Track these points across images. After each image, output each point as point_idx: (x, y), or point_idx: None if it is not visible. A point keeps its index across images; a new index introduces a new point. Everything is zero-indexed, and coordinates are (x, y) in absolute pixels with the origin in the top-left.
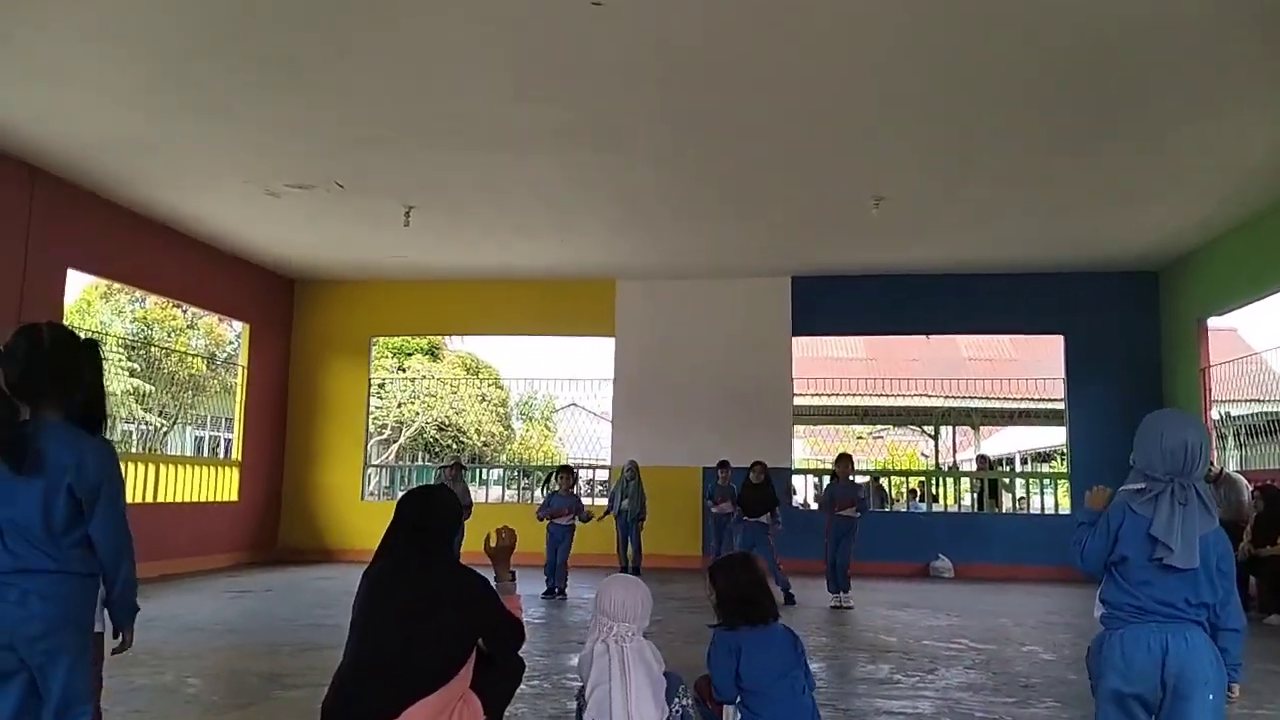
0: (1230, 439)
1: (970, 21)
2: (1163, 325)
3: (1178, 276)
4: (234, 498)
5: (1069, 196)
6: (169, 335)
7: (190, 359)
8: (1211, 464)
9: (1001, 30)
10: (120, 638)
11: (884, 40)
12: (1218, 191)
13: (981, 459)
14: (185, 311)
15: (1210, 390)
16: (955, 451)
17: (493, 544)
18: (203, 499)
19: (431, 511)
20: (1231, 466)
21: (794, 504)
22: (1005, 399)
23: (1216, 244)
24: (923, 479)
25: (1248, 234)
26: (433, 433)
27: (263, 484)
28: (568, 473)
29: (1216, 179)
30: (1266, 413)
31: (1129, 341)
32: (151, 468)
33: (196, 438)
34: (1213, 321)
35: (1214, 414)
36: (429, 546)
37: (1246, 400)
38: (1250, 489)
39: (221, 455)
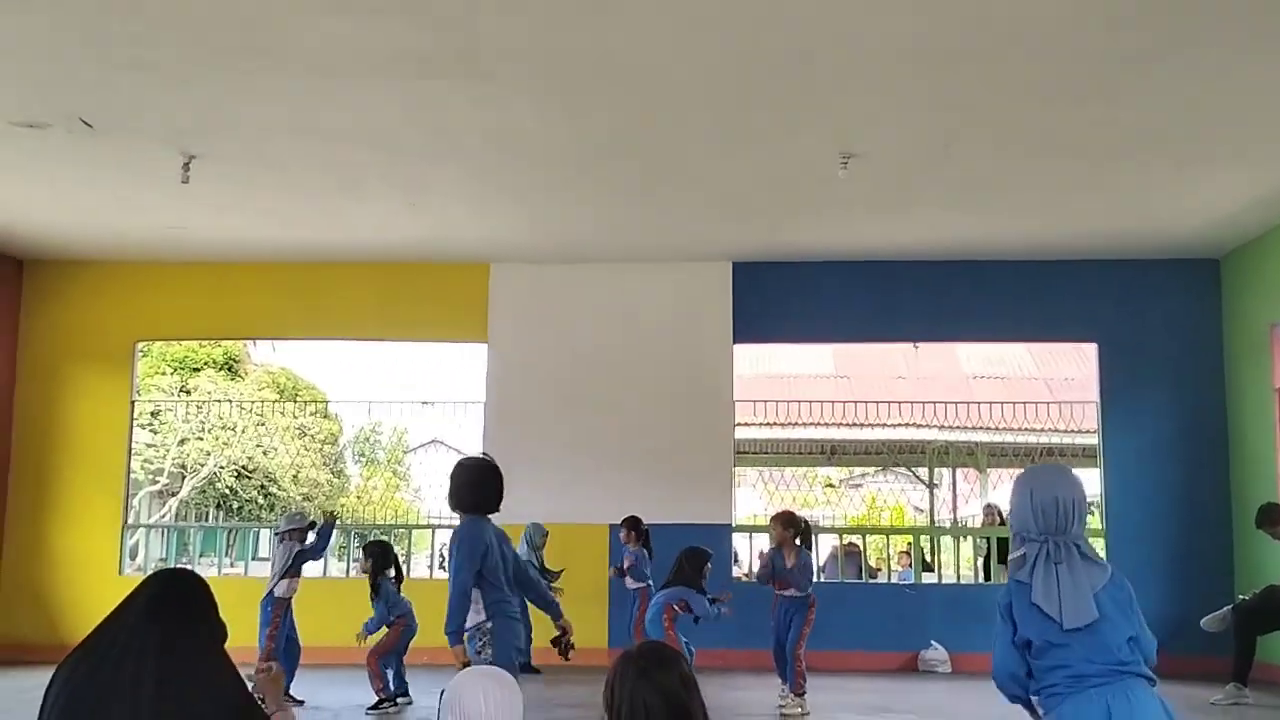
0: None
1: None
2: (1225, 329)
3: (1245, 265)
4: None
5: (1099, 159)
6: None
7: None
8: None
9: None
10: None
11: None
12: None
13: (990, 511)
14: None
15: None
16: (956, 503)
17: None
18: None
19: (184, 602)
20: None
21: (733, 575)
22: (1023, 430)
23: None
24: (911, 540)
25: None
26: (229, 481)
27: None
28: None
29: None
30: None
31: (1182, 351)
32: None
33: None
34: None
35: None
36: (172, 652)
37: None
38: None
39: None
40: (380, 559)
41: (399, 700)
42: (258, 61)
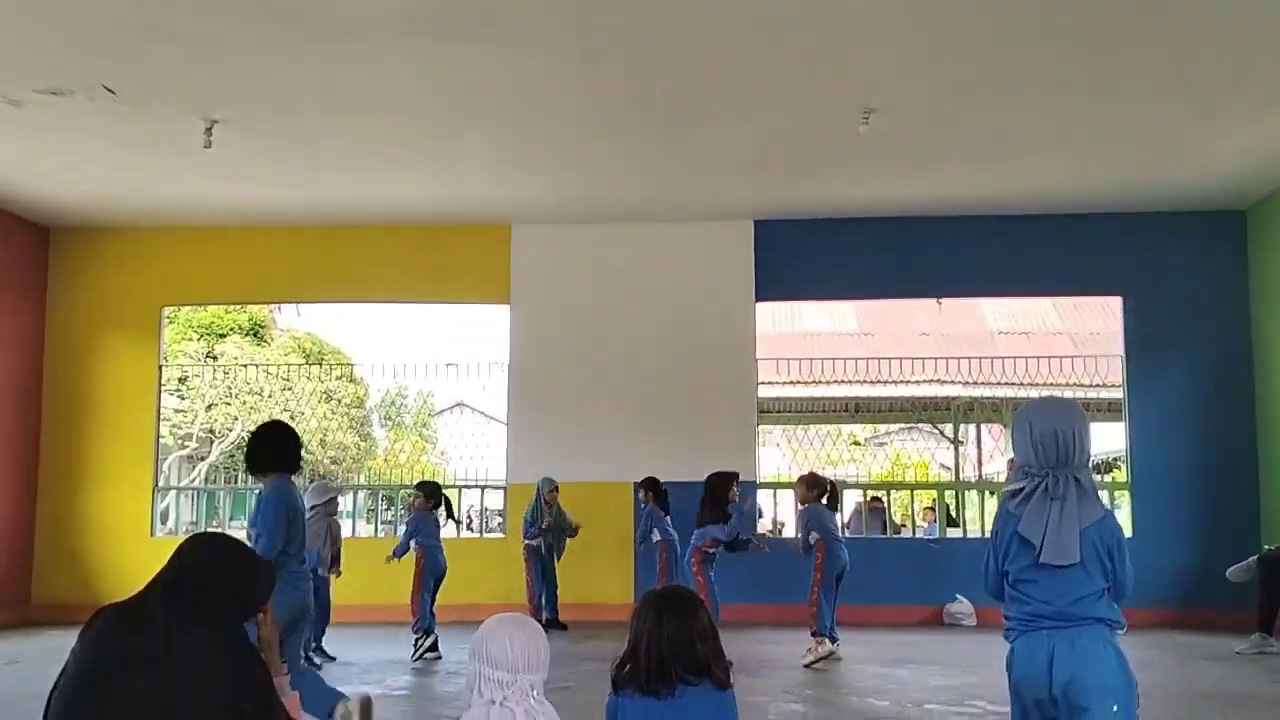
0: None
1: None
2: (1251, 281)
3: (1272, 217)
4: None
5: (1123, 108)
6: None
7: None
8: None
9: None
10: None
11: None
12: None
13: (1015, 465)
14: None
15: None
16: (981, 459)
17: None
18: None
19: (214, 572)
20: None
21: (760, 530)
22: (1048, 385)
23: None
24: (936, 495)
25: None
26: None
27: (7, 518)
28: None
29: None
30: None
31: (1208, 304)
32: None
33: None
34: None
35: None
36: (198, 625)
37: None
38: None
39: None
40: (442, 499)
41: (427, 655)
42: (278, 26)
